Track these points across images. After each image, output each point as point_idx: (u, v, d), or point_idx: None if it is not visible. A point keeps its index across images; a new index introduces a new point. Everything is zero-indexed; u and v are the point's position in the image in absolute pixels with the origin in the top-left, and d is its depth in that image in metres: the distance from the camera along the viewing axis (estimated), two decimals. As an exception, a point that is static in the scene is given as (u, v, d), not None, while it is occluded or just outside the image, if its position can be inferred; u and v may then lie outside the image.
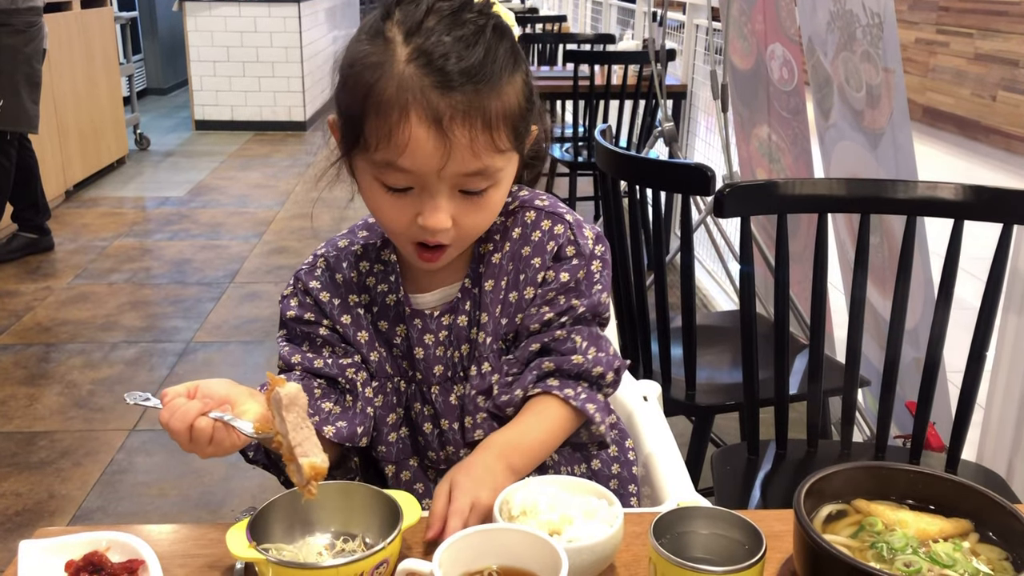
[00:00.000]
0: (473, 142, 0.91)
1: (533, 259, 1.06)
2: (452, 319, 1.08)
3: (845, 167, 2.24)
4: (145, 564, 0.84)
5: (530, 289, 1.07)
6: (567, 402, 1.04)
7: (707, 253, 3.86)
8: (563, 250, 1.07)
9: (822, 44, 2.23)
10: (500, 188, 0.98)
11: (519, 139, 0.97)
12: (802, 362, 1.91)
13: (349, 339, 1.09)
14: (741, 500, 1.48)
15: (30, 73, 3.95)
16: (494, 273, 1.07)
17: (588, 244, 1.07)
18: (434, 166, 0.91)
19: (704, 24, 4.03)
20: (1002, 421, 1.76)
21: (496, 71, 0.92)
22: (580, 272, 1.07)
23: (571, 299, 1.06)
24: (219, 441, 0.86)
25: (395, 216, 0.97)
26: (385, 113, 0.90)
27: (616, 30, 6.19)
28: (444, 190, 0.94)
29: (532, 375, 1.06)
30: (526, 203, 1.09)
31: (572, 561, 0.76)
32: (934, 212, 1.47)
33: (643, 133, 4.13)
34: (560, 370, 1.06)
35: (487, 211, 0.99)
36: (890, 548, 0.81)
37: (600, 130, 1.96)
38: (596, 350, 1.07)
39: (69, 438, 2.70)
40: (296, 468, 0.85)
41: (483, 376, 1.08)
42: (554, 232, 1.07)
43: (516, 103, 0.95)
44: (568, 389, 1.05)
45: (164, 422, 0.85)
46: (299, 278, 1.11)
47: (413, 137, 0.89)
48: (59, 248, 4.38)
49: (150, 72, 8.84)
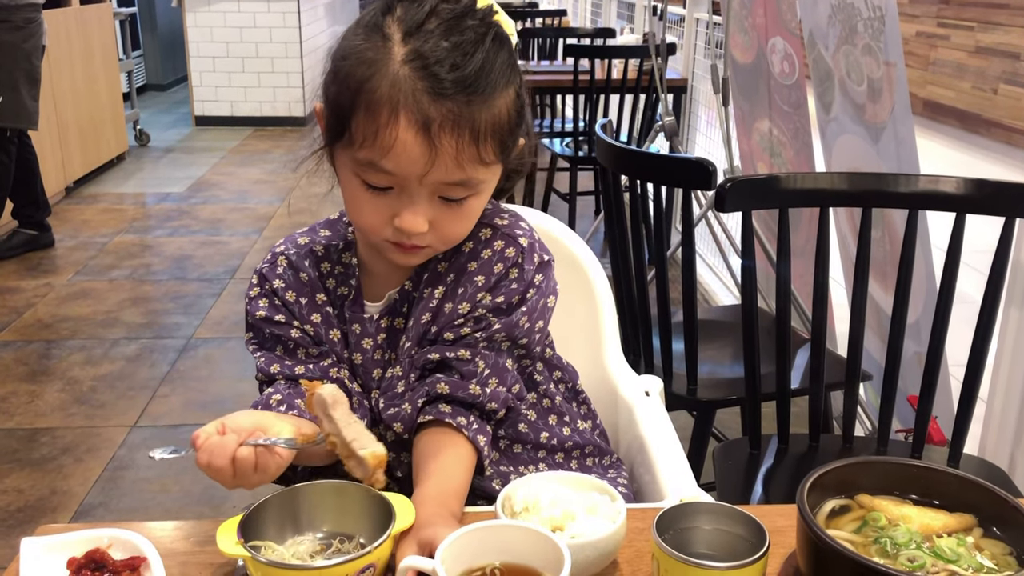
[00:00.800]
0: (459, 152, 0.89)
1: (476, 276, 1.02)
2: (389, 321, 1.05)
3: (846, 161, 2.24)
4: (147, 561, 0.83)
5: (465, 304, 1.02)
6: (460, 431, 0.99)
7: (708, 248, 3.86)
8: (508, 273, 1.02)
9: (823, 37, 2.23)
10: (480, 197, 0.97)
11: (505, 152, 0.95)
12: (803, 356, 1.91)
13: (320, 338, 1.06)
14: (743, 495, 1.47)
15: (29, 69, 3.94)
16: (433, 281, 1.04)
17: (531, 271, 1.03)
18: (417, 171, 0.90)
19: (704, 18, 4.02)
20: (1004, 415, 1.76)
21: (491, 83, 0.91)
22: (515, 297, 1.02)
23: (491, 318, 1.02)
24: (264, 466, 0.84)
25: (371, 215, 0.95)
26: (374, 112, 0.89)
27: (616, 24, 6.19)
28: (424, 195, 0.93)
29: (423, 392, 1.01)
30: (485, 219, 1.05)
31: (575, 557, 0.76)
32: (936, 206, 1.47)
33: (644, 128, 4.12)
34: (453, 397, 1.00)
35: (466, 219, 0.98)
36: (894, 543, 0.81)
37: (601, 125, 1.96)
38: (497, 382, 1.01)
39: (71, 434, 2.70)
40: (357, 463, 0.84)
41: (390, 381, 1.05)
42: (504, 254, 1.03)
43: (506, 116, 0.93)
44: (461, 418, 0.99)
45: (205, 464, 0.83)
46: (264, 276, 1.07)
47: (399, 140, 0.88)
48: (59, 244, 4.38)
49: (149, 68, 8.83)
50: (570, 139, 4.46)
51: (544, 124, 4.76)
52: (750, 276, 1.53)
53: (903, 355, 1.51)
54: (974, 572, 0.78)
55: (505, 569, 0.77)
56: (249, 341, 1.09)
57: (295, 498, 0.88)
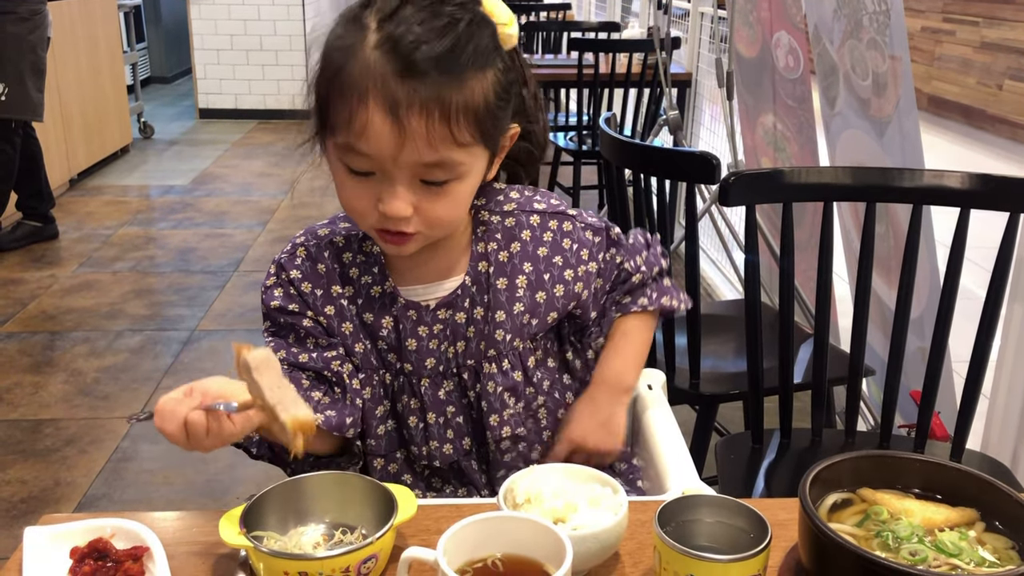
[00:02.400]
0: (430, 133, 0.90)
1: (554, 258, 1.10)
2: (449, 314, 1.07)
3: (851, 155, 2.23)
4: (149, 551, 0.84)
5: (560, 287, 1.10)
6: (645, 310, 1.17)
7: (712, 242, 3.85)
8: (585, 240, 1.12)
9: (828, 32, 2.22)
10: (465, 182, 0.97)
11: (486, 135, 0.96)
12: (806, 351, 1.90)
13: (333, 330, 1.08)
14: (745, 489, 1.47)
15: (35, 61, 3.94)
16: (505, 272, 1.08)
17: (596, 220, 1.14)
18: (389, 153, 0.91)
19: (709, 12, 4.01)
20: (1007, 410, 1.76)
21: (461, 64, 0.91)
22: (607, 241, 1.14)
23: (616, 263, 1.15)
24: (215, 432, 0.86)
25: (357, 200, 0.97)
26: (347, 96, 0.91)
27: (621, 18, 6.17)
28: (403, 178, 0.93)
29: (612, 313, 1.17)
30: (524, 207, 1.11)
31: (577, 549, 0.76)
32: (940, 201, 1.46)
33: (648, 121, 4.11)
34: (628, 292, 1.17)
35: (451, 203, 0.97)
36: (896, 537, 0.81)
37: (604, 118, 1.96)
38: (639, 257, 1.16)
39: (74, 426, 2.71)
40: (280, 429, 0.84)
41: (505, 374, 1.09)
42: (564, 229, 1.11)
43: (482, 99, 0.93)
44: (642, 299, 1.17)
45: (159, 427, 0.86)
46: (281, 266, 1.09)
47: (370, 122, 0.90)
48: (63, 236, 4.39)
49: (154, 60, 8.83)
50: (574, 133, 4.45)
51: (548, 118, 4.75)
52: (753, 271, 1.53)
53: (906, 350, 1.50)
54: (976, 566, 0.78)
55: (507, 560, 0.77)
56: (266, 330, 1.11)
57: (297, 489, 0.88)
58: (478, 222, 1.09)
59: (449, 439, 1.10)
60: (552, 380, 1.14)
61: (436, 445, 1.10)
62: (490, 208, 1.10)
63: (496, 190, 1.12)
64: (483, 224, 1.09)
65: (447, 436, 1.10)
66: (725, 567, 0.74)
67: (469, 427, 1.11)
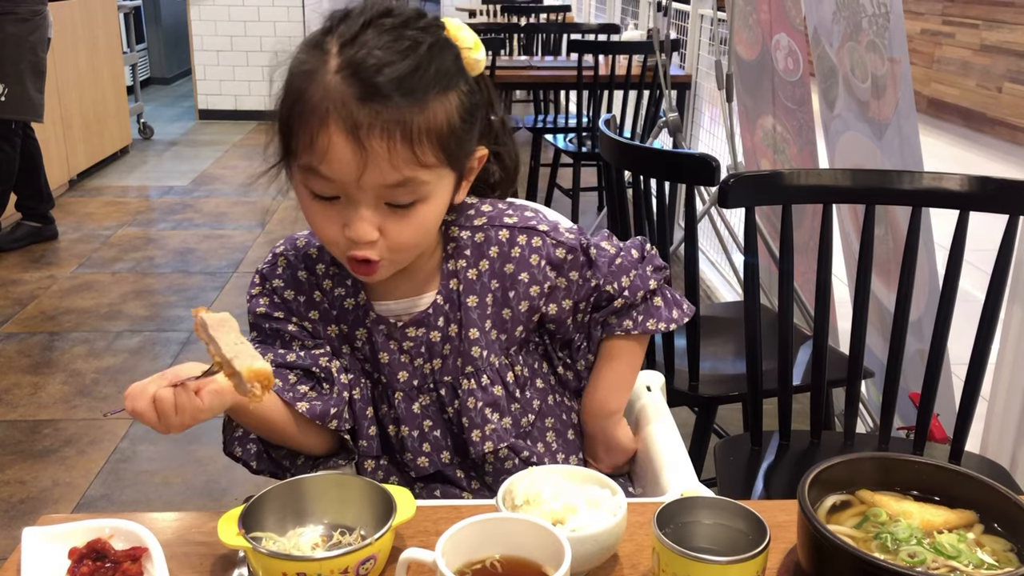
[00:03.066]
0: (391, 154, 0.90)
1: (520, 275, 1.08)
2: (422, 333, 1.08)
3: (850, 158, 2.23)
4: (148, 552, 0.84)
5: (524, 303, 1.09)
6: (629, 334, 1.14)
7: (711, 244, 3.86)
8: (553, 258, 1.09)
9: (828, 34, 2.22)
10: (431, 204, 0.97)
11: (451, 157, 0.96)
12: (806, 353, 1.90)
13: (319, 334, 1.10)
14: (744, 490, 1.47)
15: (35, 62, 3.94)
16: (475, 290, 1.08)
17: (571, 238, 1.10)
18: (352, 176, 0.91)
19: (709, 14, 4.02)
20: (1006, 412, 1.76)
21: (422, 86, 0.91)
22: (580, 260, 1.10)
23: (589, 283, 1.11)
24: (182, 406, 0.87)
25: (324, 225, 0.97)
26: (308, 120, 0.91)
27: (621, 20, 6.18)
28: (367, 201, 0.93)
29: (596, 333, 1.15)
30: (494, 220, 1.09)
31: (575, 550, 0.76)
32: (939, 203, 1.46)
33: (647, 123, 4.11)
34: (613, 312, 1.13)
35: (417, 226, 0.97)
36: (894, 539, 0.81)
37: (604, 120, 1.96)
38: (625, 278, 1.12)
39: (73, 426, 2.71)
40: (238, 381, 0.85)
41: (485, 389, 1.09)
42: (533, 245, 1.08)
43: (445, 120, 0.93)
44: (627, 321, 1.13)
45: (130, 409, 0.87)
46: (264, 276, 1.11)
47: (332, 145, 0.90)
48: (63, 237, 4.39)
49: (154, 61, 8.82)
50: (573, 135, 4.45)
51: (548, 120, 4.76)
52: (753, 272, 1.53)
53: (905, 352, 1.50)
54: (975, 568, 0.78)
55: (505, 562, 0.77)
56: (253, 339, 1.12)
57: (296, 490, 0.88)
58: (448, 238, 1.08)
59: (425, 452, 1.11)
60: (543, 399, 1.15)
61: (411, 456, 1.11)
62: (460, 223, 1.09)
63: (466, 204, 1.11)
64: (453, 240, 1.08)
65: (422, 449, 1.10)
66: (723, 569, 0.74)
67: (448, 441, 1.11)
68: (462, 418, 1.09)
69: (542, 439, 1.14)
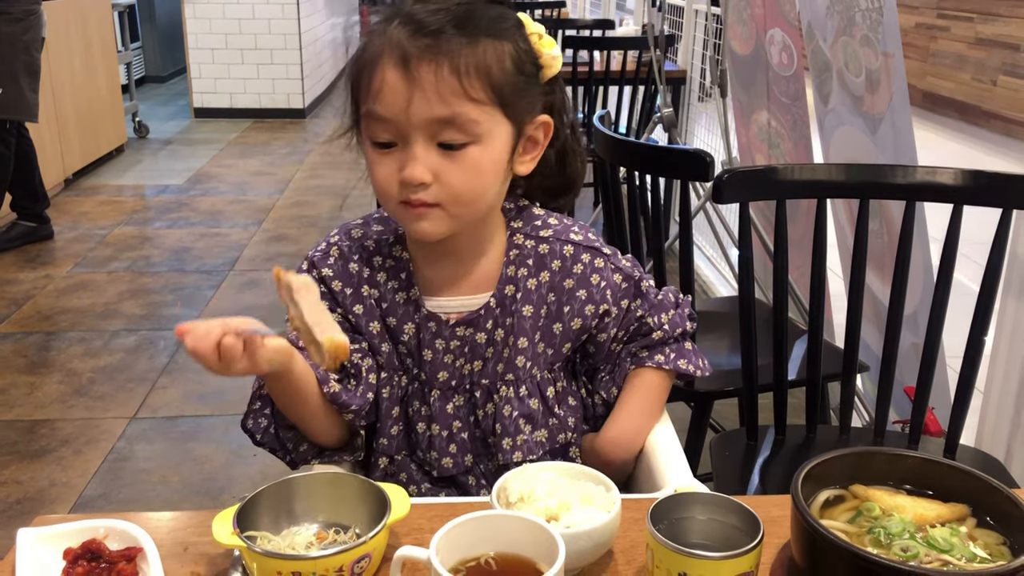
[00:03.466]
0: (439, 83, 0.93)
1: (578, 292, 1.10)
2: (470, 333, 1.08)
3: (844, 152, 2.24)
4: (143, 551, 0.84)
5: (577, 320, 1.10)
6: (660, 368, 1.14)
7: (706, 239, 3.86)
8: (612, 282, 1.11)
9: (821, 29, 2.22)
10: (485, 148, 0.97)
11: (504, 100, 0.97)
12: (801, 348, 1.91)
13: (361, 328, 1.09)
14: (740, 486, 1.48)
15: (29, 62, 3.93)
16: (531, 299, 1.08)
17: (629, 266, 1.13)
18: (401, 105, 0.93)
19: (703, 9, 4.01)
20: (1001, 406, 1.76)
21: (473, 26, 0.95)
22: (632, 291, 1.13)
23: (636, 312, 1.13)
24: (251, 354, 0.89)
25: (382, 174, 0.98)
26: (369, 67, 0.96)
27: (615, 15, 6.17)
28: (419, 139, 0.95)
29: (626, 365, 1.14)
30: (560, 235, 1.10)
31: (569, 547, 0.76)
32: (933, 197, 1.47)
33: (642, 119, 4.11)
34: (646, 346, 1.14)
35: (470, 171, 0.97)
36: (887, 533, 0.81)
37: (599, 116, 1.96)
38: (665, 315, 1.14)
39: (70, 426, 2.70)
40: (316, 349, 0.86)
41: (522, 400, 1.09)
42: (595, 265, 1.10)
43: (495, 61, 0.96)
44: (659, 356, 1.14)
45: (191, 347, 0.87)
46: (313, 263, 1.10)
47: (384, 81, 0.94)
48: (58, 236, 4.38)
49: (148, 60, 8.80)
50: (569, 131, 4.44)
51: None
52: (747, 267, 1.53)
53: (900, 346, 1.51)
54: (967, 562, 0.78)
55: (499, 559, 0.78)
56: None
57: (291, 488, 0.88)
58: (512, 244, 1.09)
59: (451, 453, 1.11)
60: (576, 417, 1.15)
61: (436, 456, 1.11)
62: (526, 232, 1.10)
63: (534, 214, 1.12)
64: (516, 248, 1.09)
65: (449, 450, 1.11)
66: (717, 564, 0.75)
67: (472, 444, 1.12)
68: (495, 424, 1.09)
69: (566, 457, 1.15)
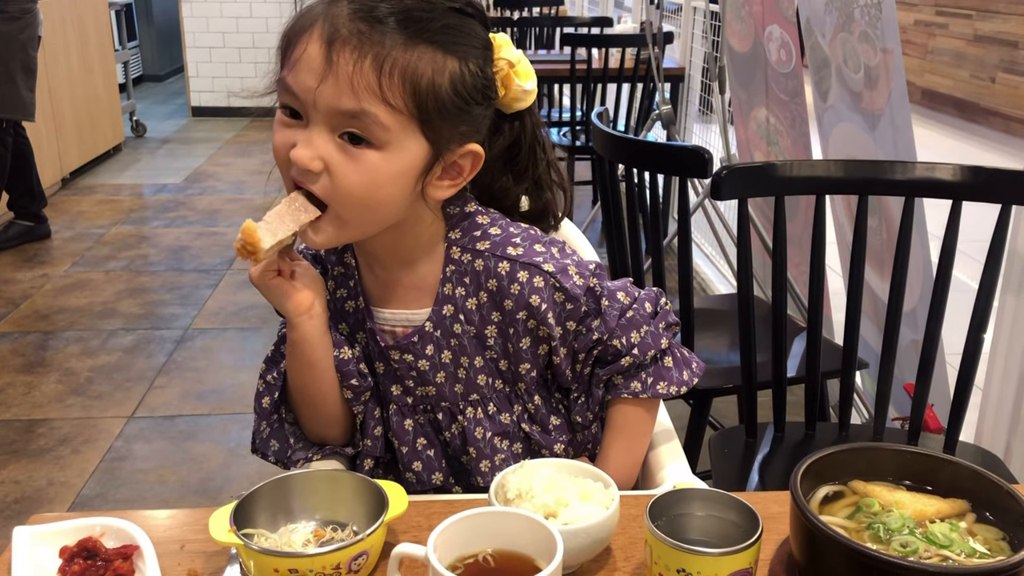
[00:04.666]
0: (355, 75, 0.87)
1: (518, 313, 1.01)
2: (410, 359, 1.05)
3: (843, 149, 2.23)
4: (139, 550, 0.83)
5: (526, 339, 1.03)
6: (637, 397, 1.06)
7: (705, 236, 3.86)
8: (553, 301, 1.01)
9: (820, 25, 2.22)
10: (385, 157, 0.90)
11: (426, 119, 0.90)
12: (800, 345, 1.90)
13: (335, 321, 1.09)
14: (739, 483, 1.47)
15: (25, 60, 3.92)
16: (473, 320, 1.03)
17: (578, 283, 1.01)
18: (311, 84, 0.88)
19: (702, 6, 4.01)
20: (1000, 402, 1.76)
21: (421, 29, 0.89)
22: (582, 311, 1.03)
23: (592, 334, 1.04)
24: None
25: (278, 141, 0.93)
26: (298, 34, 0.91)
27: (614, 13, 6.16)
28: (320, 125, 0.89)
29: (599, 392, 1.07)
30: (497, 248, 1.02)
31: (567, 544, 0.76)
32: (932, 193, 1.46)
33: (641, 116, 4.11)
34: (619, 372, 1.06)
35: (364, 175, 0.90)
36: (887, 529, 0.81)
37: (597, 113, 1.95)
38: (635, 333, 1.04)
39: (67, 426, 2.70)
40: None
41: (492, 418, 1.07)
42: (534, 285, 1.00)
43: (428, 74, 0.89)
44: (635, 383, 1.06)
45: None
46: None
47: (306, 52, 0.89)
48: (56, 236, 4.37)
49: (146, 58, 8.79)
50: (567, 128, 4.45)
51: (541, 114, 4.75)
52: (746, 264, 1.53)
53: (899, 343, 1.50)
54: (967, 557, 0.78)
55: (498, 556, 0.77)
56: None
57: (288, 486, 0.88)
58: (449, 259, 1.03)
59: (415, 470, 1.09)
60: (565, 435, 1.11)
61: (402, 470, 1.10)
62: (463, 244, 1.02)
63: (476, 223, 1.04)
64: (453, 263, 1.02)
65: (412, 466, 1.09)
66: (716, 560, 0.74)
67: (441, 462, 1.10)
68: (468, 447, 1.06)
69: None
